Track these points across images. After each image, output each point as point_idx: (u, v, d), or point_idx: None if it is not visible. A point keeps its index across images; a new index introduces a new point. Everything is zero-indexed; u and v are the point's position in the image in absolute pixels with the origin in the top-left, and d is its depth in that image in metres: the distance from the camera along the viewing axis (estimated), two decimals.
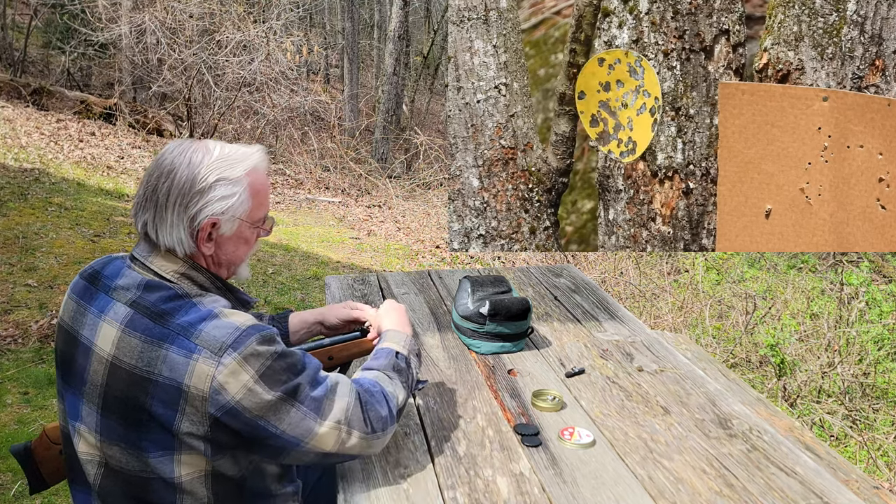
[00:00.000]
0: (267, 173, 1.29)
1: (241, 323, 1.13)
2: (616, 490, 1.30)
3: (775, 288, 5.01)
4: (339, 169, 9.83)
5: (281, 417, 1.12)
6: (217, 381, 1.09)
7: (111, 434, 1.16)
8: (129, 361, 1.12)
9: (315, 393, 1.16)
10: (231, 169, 1.20)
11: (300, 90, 10.07)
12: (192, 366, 1.09)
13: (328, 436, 1.16)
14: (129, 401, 1.13)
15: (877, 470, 2.83)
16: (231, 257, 1.27)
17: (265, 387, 1.11)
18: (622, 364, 1.86)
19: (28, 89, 9.11)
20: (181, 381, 1.09)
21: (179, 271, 1.20)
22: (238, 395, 1.09)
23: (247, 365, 1.10)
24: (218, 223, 1.20)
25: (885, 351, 3.70)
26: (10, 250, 4.71)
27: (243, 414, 1.10)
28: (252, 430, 1.12)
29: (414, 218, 7.95)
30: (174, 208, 1.17)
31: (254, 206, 1.24)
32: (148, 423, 1.12)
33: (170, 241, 1.18)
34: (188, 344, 1.10)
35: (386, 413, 1.24)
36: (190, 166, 1.18)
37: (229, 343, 1.10)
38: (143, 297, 1.16)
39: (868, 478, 1.63)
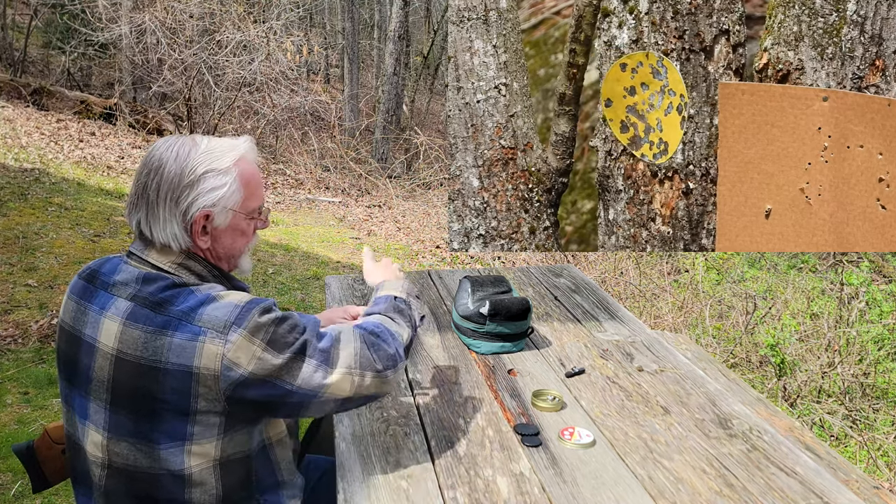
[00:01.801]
0: (257, 164, 1.29)
1: (238, 300, 1.15)
2: (616, 490, 1.30)
3: (775, 288, 5.01)
4: (340, 169, 9.83)
5: (294, 374, 1.15)
6: (227, 358, 1.11)
7: (120, 430, 1.16)
8: (135, 353, 1.13)
9: (322, 345, 1.20)
10: (219, 160, 1.20)
11: (300, 90, 10.07)
12: (199, 347, 1.11)
13: (343, 381, 1.19)
14: (139, 391, 1.13)
15: (877, 470, 2.83)
16: (229, 250, 1.27)
17: (273, 352, 1.14)
18: (622, 364, 1.86)
19: (28, 89, 9.11)
20: (191, 364, 1.11)
21: (176, 262, 1.20)
22: (250, 367, 1.12)
23: (253, 337, 1.13)
24: (211, 215, 1.20)
25: (885, 351, 3.70)
26: (10, 250, 4.71)
27: (257, 383, 1.13)
28: (269, 394, 1.14)
29: (414, 218, 7.95)
30: (165, 203, 1.17)
31: (246, 197, 1.24)
32: (161, 413, 1.13)
33: (164, 237, 1.19)
34: (192, 328, 1.12)
35: (393, 351, 1.27)
36: (177, 160, 1.18)
37: (232, 320, 1.12)
38: (141, 290, 1.17)
39: (868, 478, 1.63)
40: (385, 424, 1.51)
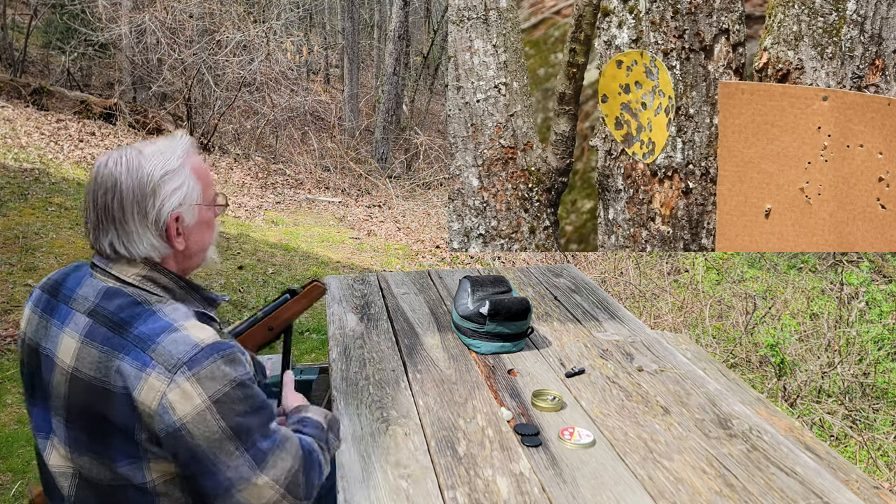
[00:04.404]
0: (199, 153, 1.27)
1: (200, 339, 1.08)
2: (616, 490, 1.30)
3: (775, 288, 5.01)
4: (339, 169, 9.82)
5: (223, 454, 1.07)
6: (167, 398, 1.04)
7: (79, 446, 1.15)
8: (88, 373, 1.11)
9: (263, 444, 1.10)
10: (169, 161, 1.18)
11: (300, 90, 10.07)
12: (143, 380, 1.05)
13: (263, 491, 1.09)
14: (91, 410, 1.11)
15: (877, 470, 2.83)
16: (201, 245, 1.26)
17: (216, 415, 1.05)
18: (622, 364, 1.86)
19: (28, 89, 9.11)
20: (132, 394, 1.06)
21: (141, 274, 1.17)
22: (186, 418, 1.04)
23: (200, 387, 1.05)
24: (180, 216, 1.19)
25: (885, 351, 3.70)
26: (10, 250, 4.71)
27: (186, 439, 1.05)
28: (190, 458, 1.07)
29: (414, 218, 7.95)
30: (133, 218, 1.14)
31: (204, 188, 1.23)
32: (112, 433, 1.10)
33: (143, 251, 1.16)
34: (143, 357, 1.07)
35: (318, 483, 1.19)
36: (130, 173, 1.15)
37: (184, 360, 1.05)
38: (101, 306, 1.14)
39: (868, 478, 1.63)
40: (385, 424, 1.51)
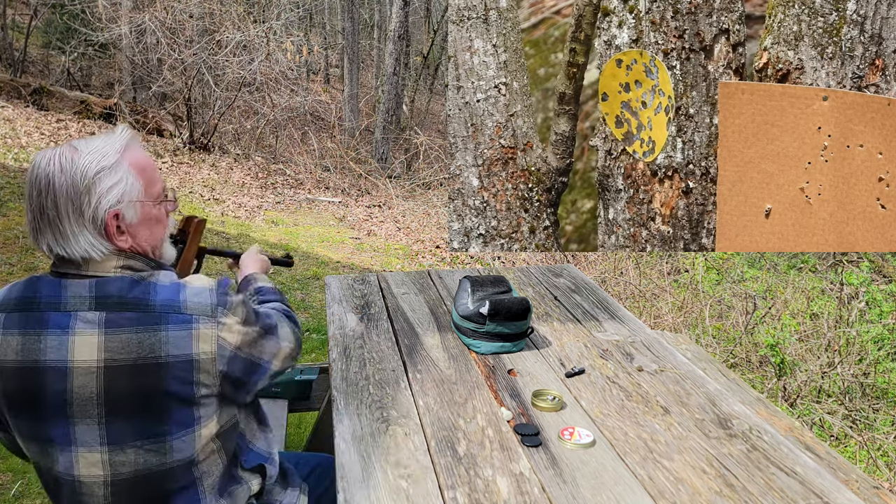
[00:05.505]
0: (143, 148, 1.25)
1: (209, 284, 1.22)
2: (616, 490, 1.30)
3: (775, 288, 5.01)
4: (339, 169, 9.82)
5: (259, 349, 1.26)
6: (221, 337, 1.18)
7: (122, 438, 1.14)
8: (128, 356, 1.11)
9: (269, 321, 1.32)
10: (105, 157, 1.16)
11: (300, 90, 10.07)
12: (195, 334, 1.15)
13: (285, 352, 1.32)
14: (140, 392, 1.12)
15: (877, 470, 2.82)
16: (151, 240, 1.25)
17: (248, 326, 1.24)
18: (622, 364, 1.86)
19: (28, 89, 9.11)
20: (190, 353, 1.14)
21: (118, 265, 1.18)
22: (237, 342, 1.21)
23: (234, 317, 1.21)
24: (120, 213, 1.16)
25: (885, 351, 3.70)
26: (10, 250, 4.71)
27: (240, 357, 1.21)
28: (243, 369, 1.23)
29: (414, 218, 7.95)
30: (69, 217, 1.12)
31: (146, 184, 1.21)
32: (166, 404, 1.14)
33: (80, 251, 1.14)
34: (182, 317, 1.15)
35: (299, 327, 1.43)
36: (64, 171, 1.12)
37: (217, 302, 1.19)
38: (104, 296, 1.13)
39: (868, 478, 1.63)
40: (385, 424, 1.51)
